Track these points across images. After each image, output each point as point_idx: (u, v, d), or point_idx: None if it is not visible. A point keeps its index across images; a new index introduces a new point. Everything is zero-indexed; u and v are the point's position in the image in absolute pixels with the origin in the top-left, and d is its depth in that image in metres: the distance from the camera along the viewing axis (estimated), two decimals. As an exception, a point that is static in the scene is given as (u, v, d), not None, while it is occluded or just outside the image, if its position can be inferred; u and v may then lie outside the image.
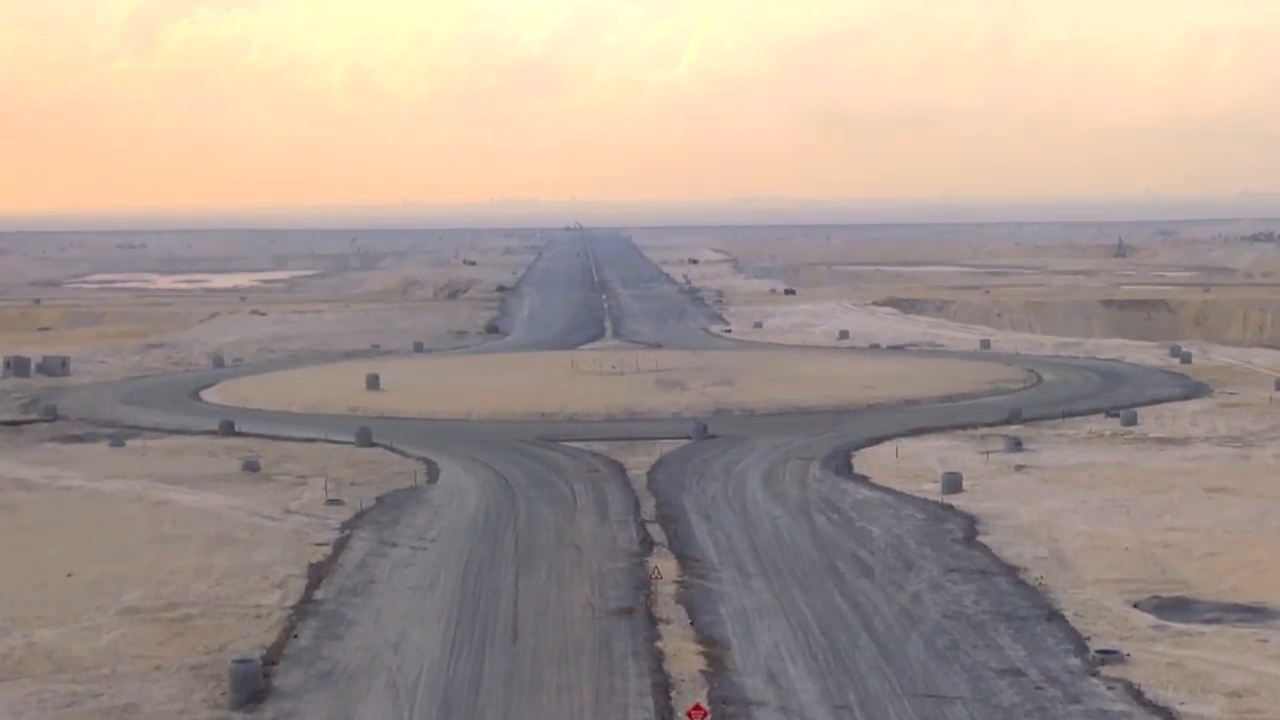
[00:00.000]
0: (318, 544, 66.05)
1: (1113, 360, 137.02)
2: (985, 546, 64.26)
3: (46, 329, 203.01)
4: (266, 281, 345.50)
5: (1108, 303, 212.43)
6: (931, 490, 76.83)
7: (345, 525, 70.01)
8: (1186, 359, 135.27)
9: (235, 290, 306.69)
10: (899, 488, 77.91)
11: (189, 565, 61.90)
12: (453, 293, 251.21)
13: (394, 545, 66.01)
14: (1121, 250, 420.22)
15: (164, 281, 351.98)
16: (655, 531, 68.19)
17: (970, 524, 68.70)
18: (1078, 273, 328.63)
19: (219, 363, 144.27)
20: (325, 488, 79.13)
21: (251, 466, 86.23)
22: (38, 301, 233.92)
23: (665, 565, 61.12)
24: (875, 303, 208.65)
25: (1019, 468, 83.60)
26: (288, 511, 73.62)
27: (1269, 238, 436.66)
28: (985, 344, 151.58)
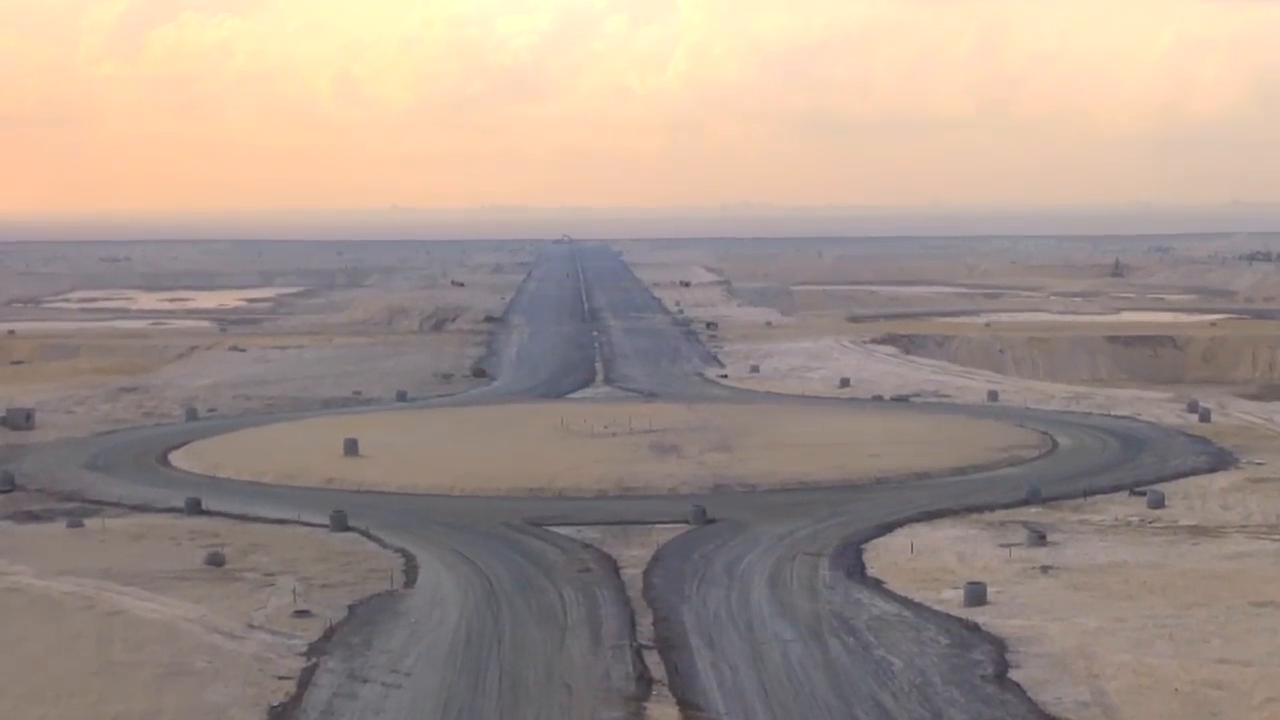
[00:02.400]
0: (280, 677, 59.85)
1: (1128, 418, 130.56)
2: (1019, 686, 58.09)
3: (19, 362, 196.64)
4: (251, 300, 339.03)
5: (1113, 339, 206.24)
6: (953, 600, 70.78)
7: (312, 649, 63.79)
8: (1205, 416, 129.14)
9: (218, 311, 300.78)
10: (917, 597, 71.70)
11: (135, 709, 55.74)
12: (439, 323, 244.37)
13: (364, 680, 59.71)
14: (1119, 270, 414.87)
15: (147, 300, 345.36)
16: (653, 661, 61.91)
17: (1000, 651, 62.54)
18: (1075, 295, 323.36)
19: (192, 414, 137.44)
20: (294, 592, 72.95)
21: (215, 560, 79.99)
22: (12, 332, 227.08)
23: (666, 715, 54.89)
24: (874, 340, 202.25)
25: (1045, 569, 77.39)
26: (251, 626, 67.39)
27: (1267, 256, 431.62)
28: (993, 396, 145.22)
